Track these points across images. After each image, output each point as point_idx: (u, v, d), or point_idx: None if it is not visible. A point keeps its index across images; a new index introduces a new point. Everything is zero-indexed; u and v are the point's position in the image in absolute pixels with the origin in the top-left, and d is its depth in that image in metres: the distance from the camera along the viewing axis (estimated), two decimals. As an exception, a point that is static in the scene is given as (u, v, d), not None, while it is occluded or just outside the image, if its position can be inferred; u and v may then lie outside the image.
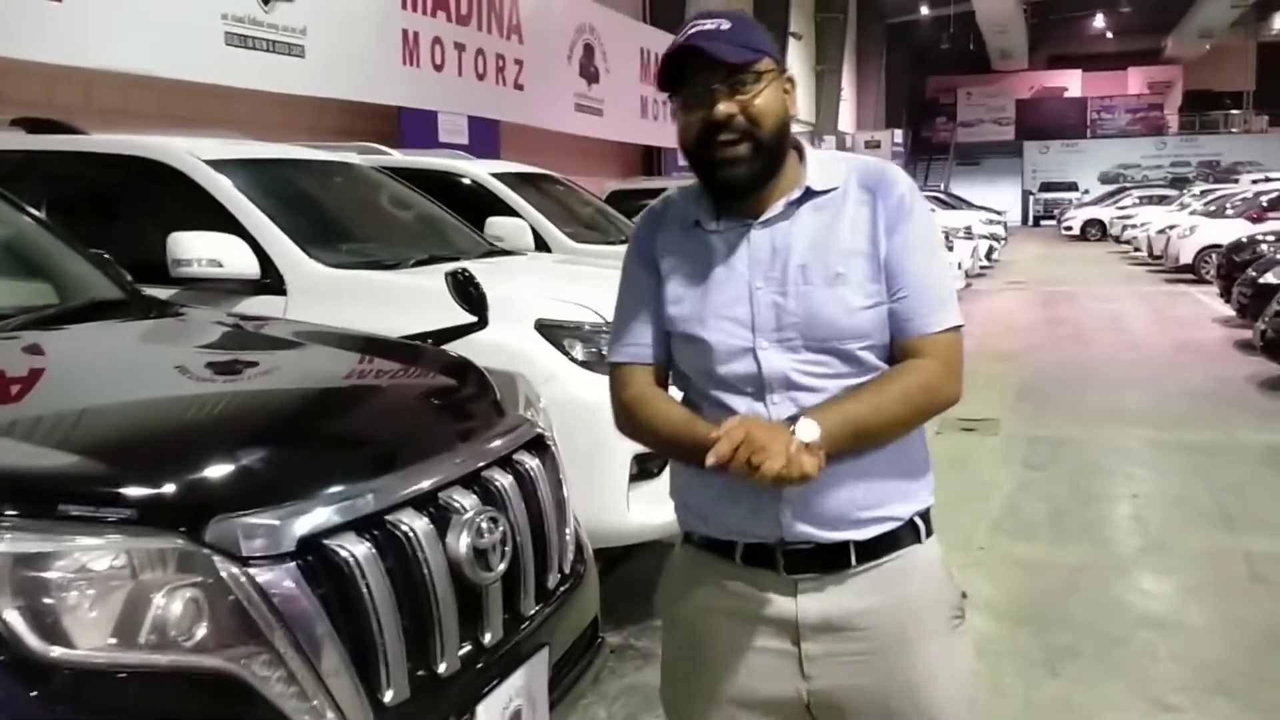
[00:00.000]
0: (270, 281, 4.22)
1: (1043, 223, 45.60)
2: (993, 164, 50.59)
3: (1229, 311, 13.04)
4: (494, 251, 5.39)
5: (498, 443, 2.46)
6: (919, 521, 1.85)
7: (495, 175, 6.97)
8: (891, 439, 1.79)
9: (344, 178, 5.22)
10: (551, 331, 3.99)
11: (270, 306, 4.17)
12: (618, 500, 3.92)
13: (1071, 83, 53.78)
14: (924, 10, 40.61)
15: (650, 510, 4.00)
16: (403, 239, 5.08)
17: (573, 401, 3.88)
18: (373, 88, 11.14)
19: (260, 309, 4.18)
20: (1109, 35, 49.67)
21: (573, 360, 3.96)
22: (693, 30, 1.76)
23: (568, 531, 2.70)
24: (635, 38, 17.96)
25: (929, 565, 1.87)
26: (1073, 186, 47.09)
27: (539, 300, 4.08)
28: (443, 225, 5.47)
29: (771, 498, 1.74)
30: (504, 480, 2.37)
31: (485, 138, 13.41)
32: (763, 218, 1.80)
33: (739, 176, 1.77)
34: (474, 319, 3.16)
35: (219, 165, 4.46)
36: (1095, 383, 9.74)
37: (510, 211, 6.70)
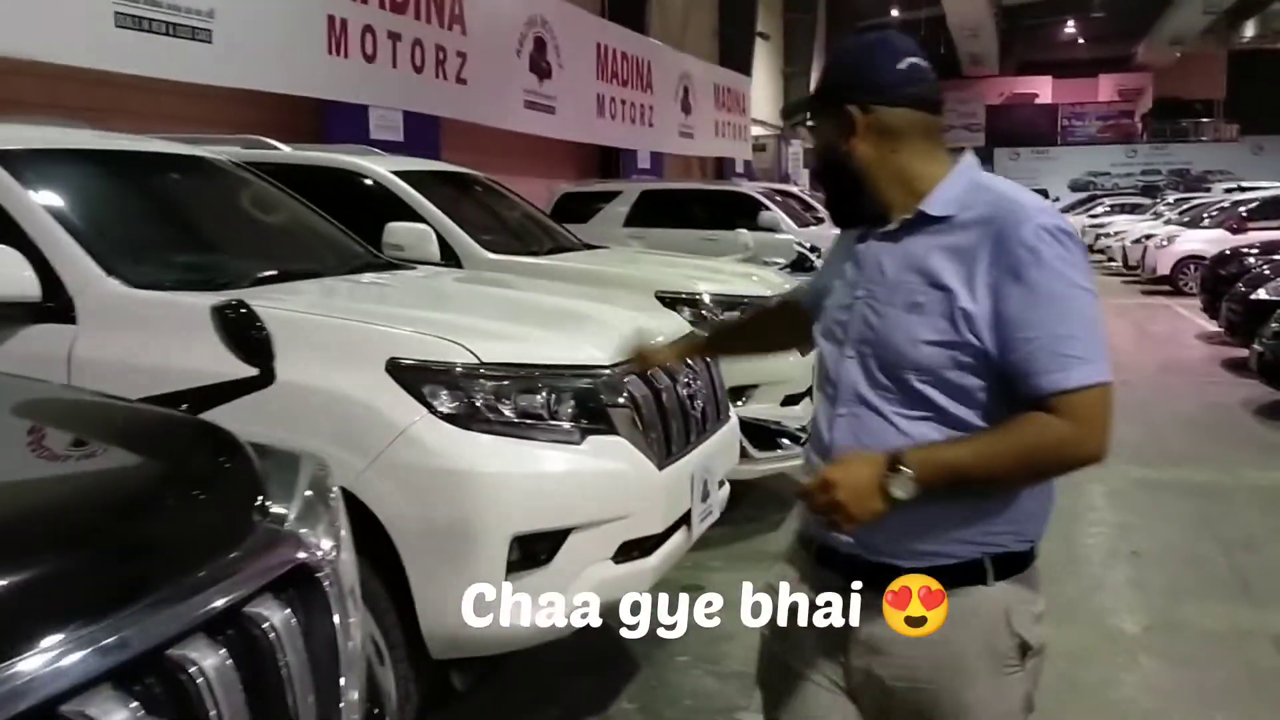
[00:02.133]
0: (55, 306, 3.26)
1: (1013, 230, 44.88)
2: (962, 170, 49.67)
3: (1212, 327, 12.31)
4: (377, 265, 4.45)
5: (216, 592, 1.54)
6: (988, 564, 1.82)
7: (399, 173, 6.03)
8: (999, 493, 1.81)
9: (187, 176, 4.27)
10: (409, 374, 3.05)
11: (53, 338, 3.23)
12: (489, 597, 2.99)
13: (1042, 89, 53.33)
14: (895, 13, 39.97)
15: (536, 610, 3.07)
16: (253, 251, 4.13)
17: (431, 468, 2.96)
18: (293, 78, 10.14)
19: (39, 342, 3.23)
20: (1080, 41, 49.24)
21: (435, 413, 3.02)
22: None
23: (353, 697, 1.78)
24: (591, 33, 17.00)
25: (988, 611, 1.82)
26: (1044, 194, 45.91)
27: (396, 333, 3.14)
28: (313, 234, 4.53)
29: None
30: (209, 659, 1.45)
31: (423, 135, 12.43)
32: (881, 230, 1.87)
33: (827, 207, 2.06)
34: (253, 371, 2.20)
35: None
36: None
37: (416, 216, 5.76)
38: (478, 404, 3.07)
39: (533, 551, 3.08)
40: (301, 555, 1.76)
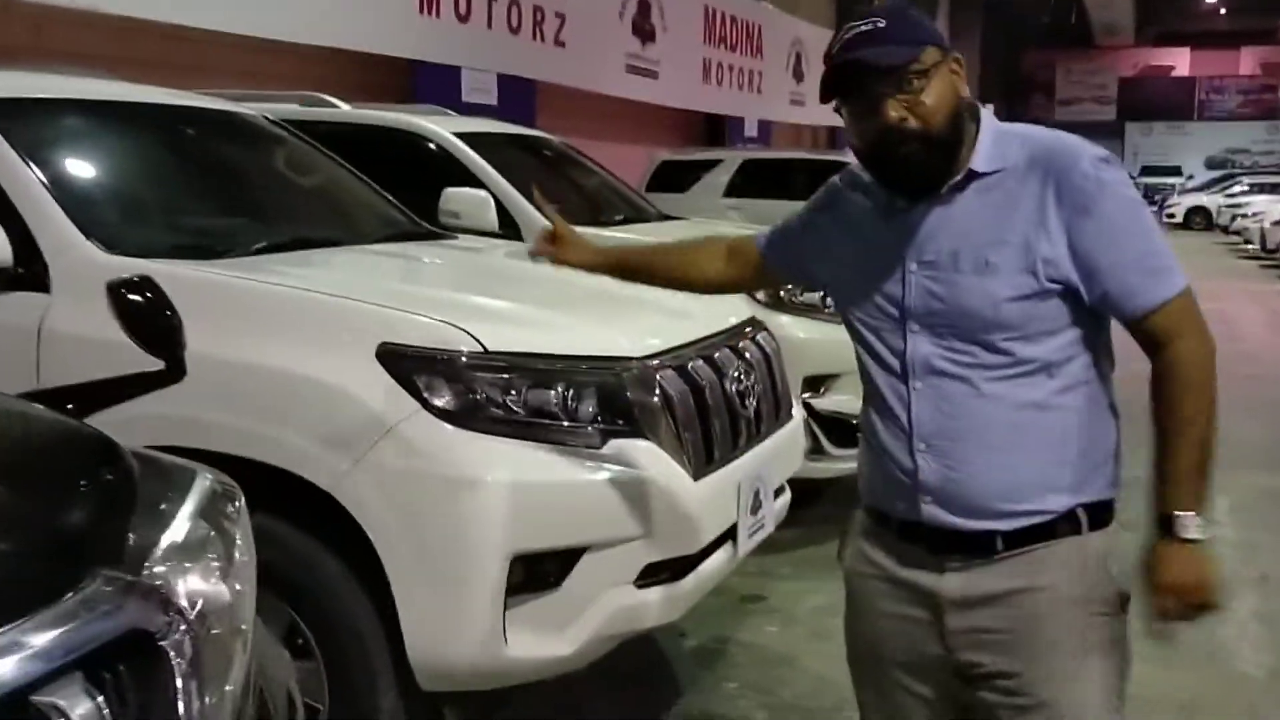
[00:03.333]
0: (27, 272, 2.92)
1: (1142, 209, 43.22)
2: (1090, 145, 48.03)
3: (1360, 320, 11.28)
4: (416, 234, 4.05)
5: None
6: (1081, 514, 1.82)
7: (462, 135, 5.62)
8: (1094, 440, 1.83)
9: (207, 132, 3.89)
10: (401, 362, 2.64)
11: (24, 308, 2.89)
12: (487, 624, 2.58)
13: (1179, 61, 50.96)
14: (1024, -21, 38.45)
15: (541, 639, 2.66)
16: (270, 216, 3.76)
17: (420, 473, 2.55)
18: (381, 37, 9.82)
19: (8, 312, 2.90)
20: (1221, 12, 46.83)
21: (430, 408, 2.61)
22: (850, 35, 1.76)
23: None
24: (699, -7, 16.43)
25: (1087, 558, 1.83)
26: (1176, 171, 44.73)
27: (390, 314, 2.72)
28: (347, 199, 4.15)
29: (910, 483, 1.83)
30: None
31: (518, 99, 12.06)
32: (928, 196, 1.81)
33: (917, 175, 1.80)
34: (158, 363, 1.80)
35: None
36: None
37: (477, 182, 5.36)
38: (480, 399, 2.64)
39: (539, 573, 2.66)
40: (140, 618, 1.34)
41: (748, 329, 3.53)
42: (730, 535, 3.11)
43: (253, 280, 2.83)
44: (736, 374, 3.21)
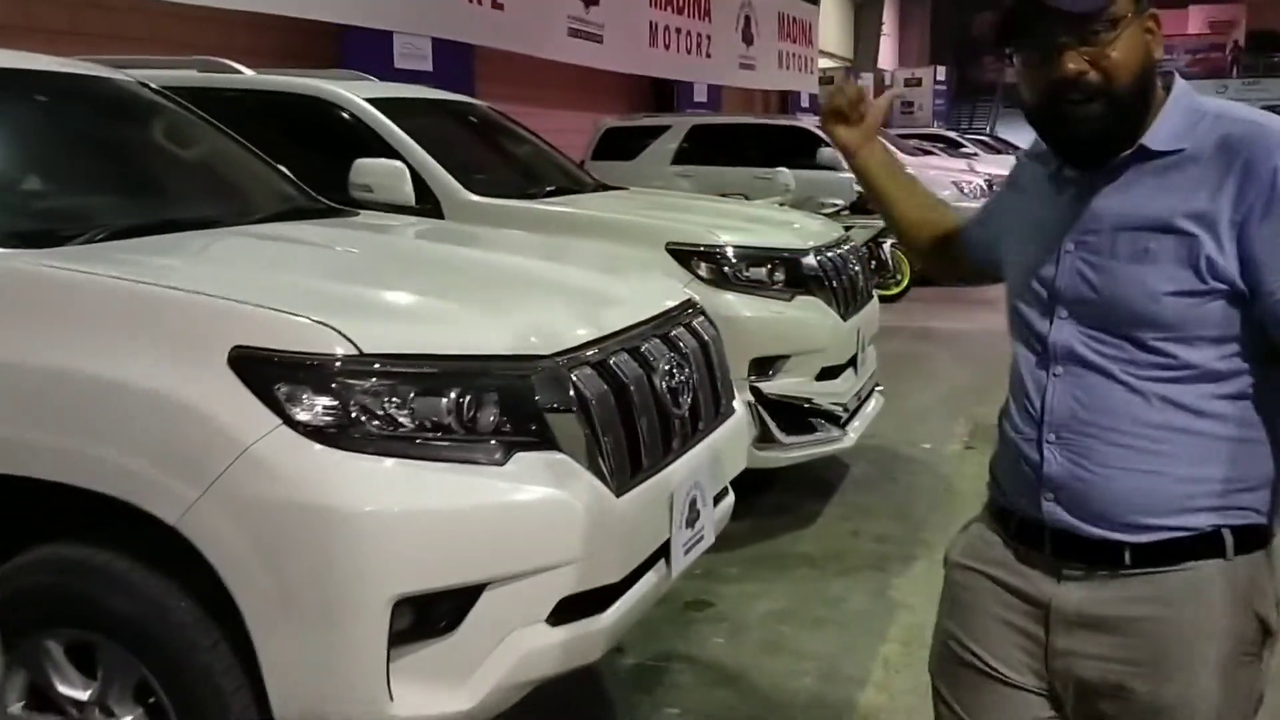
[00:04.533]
0: None
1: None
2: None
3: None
4: (310, 212, 3.59)
5: None
6: (1227, 535, 1.62)
7: (376, 101, 5.14)
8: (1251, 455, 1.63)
9: (65, 101, 3.38)
10: (257, 369, 2.20)
11: None
12: (368, 679, 2.17)
13: (1128, 21, 50.88)
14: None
15: (434, 693, 2.24)
16: (135, 193, 3.28)
17: (281, 503, 2.12)
18: (305, 1, 9.29)
19: None
20: (1171, -30, 46.85)
21: (293, 424, 2.18)
22: None
23: None
24: (644, -45, 15.90)
25: (1228, 587, 1.63)
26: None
27: (246, 310, 2.28)
28: (234, 172, 3.68)
29: (1035, 476, 1.69)
30: None
31: (455, 65, 11.52)
32: (1096, 170, 1.65)
33: (1090, 139, 1.63)
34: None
35: None
36: None
37: (391, 152, 4.89)
38: (354, 412, 2.21)
39: (429, 616, 2.24)
40: None
41: (682, 314, 3.11)
42: (663, 553, 2.71)
43: (86, 273, 2.38)
44: (668, 368, 2.79)
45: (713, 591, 4.16)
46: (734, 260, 4.61)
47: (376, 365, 2.24)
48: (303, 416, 2.18)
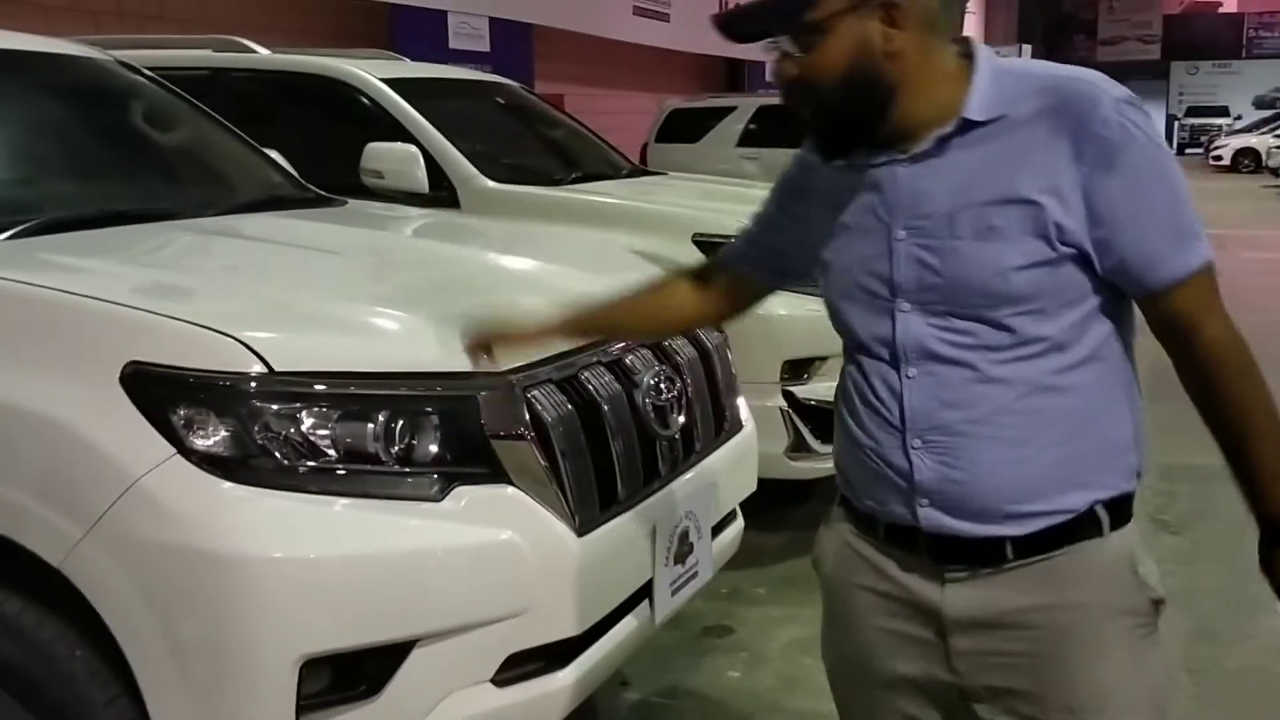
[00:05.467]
0: None
1: (1188, 151, 41.77)
2: (1135, 86, 42.78)
3: None
4: (293, 200, 3.31)
5: None
6: (1101, 512, 1.58)
7: (393, 81, 4.85)
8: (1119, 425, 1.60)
9: (14, 81, 3.13)
10: (151, 389, 1.91)
11: None
12: (269, 753, 1.86)
13: (1227, -3, 49.28)
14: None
15: (354, 767, 1.93)
16: (84, 183, 3.00)
17: (177, 548, 1.84)
18: (355, -22, 9.09)
19: None
20: (1273, -57, 45.05)
21: (189, 453, 1.88)
22: None
23: None
24: (714, -69, 15.47)
25: (1111, 563, 1.59)
26: (1223, 112, 43.22)
27: (142, 320, 1.98)
28: (210, 159, 3.42)
29: (905, 483, 1.59)
30: None
31: (514, 47, 11.29)
32: (910, 152, 1.56)
33: (820, 139, 1.63)
34: None
35: None
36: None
37: (406, 135, 4.61)
38: (262, 439, 1.90)
39: (348, 677, 1.94)
40: None
41: (681, 319, 2.76)
42: (644, 594, 2.38)
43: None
44: (655, 381, 2.45)
45: (735, 615, 3.81)
46: (767, 253, 4.23)
47: (290, 385, 1.94)
48: (201, 445, 1.89)
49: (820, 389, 4.23)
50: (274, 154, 3.63)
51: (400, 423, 1.99)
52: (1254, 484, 1.57)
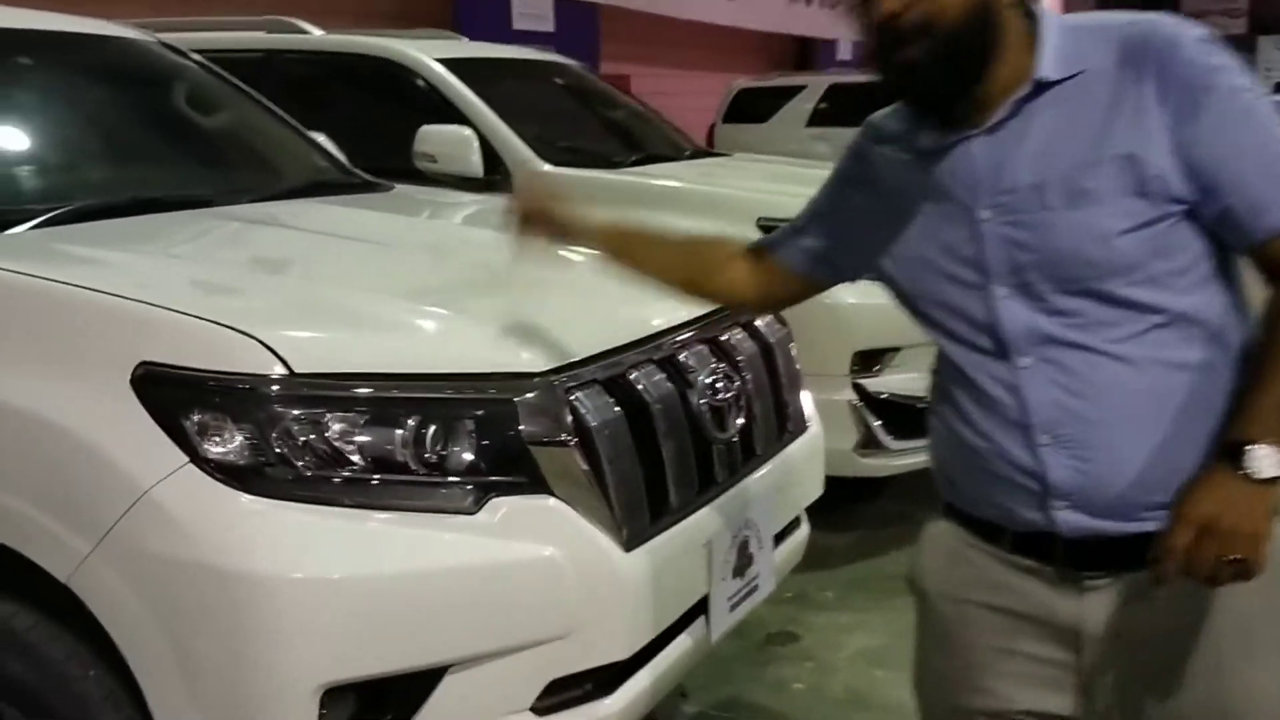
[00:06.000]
0: None
1: (1276, 128, 40.76)
2: (1220, 62, 45.41)
3: None
4: (335, 186, 3.17)
5: None
6: None
7: (449, 61, 4.70)
8: None
9: (53, 64, 3.00)
10: (163, 392, 1.77)
11: None
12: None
13: (1319, -33, 47.69)
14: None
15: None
16: (115, 170, 2.88)
17: (189, 564, 1.70)
18: (418, -41, 8.96)
19: None
20: (1368, -90, 43.47)
21: (202, 462, 1.74)
22: None
23: None
24: (784, -95, 15.12)
25: (1270, 557, 1.40)
26: (1313, 87, 41.93)
27: (160, 319, 1.84)
28: (252, 143, 3.29)
29: (1036, 485, 1.47)
30: None
31: (579, 25, 11.11)
32: (985, 125, 1.47)
33: (919, 87, 1.47)
34: None
35: None
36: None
37: (461, 117, 4.46)
38: (280, 447, 1.75)
39: (374, 706, 1.79)
40: None
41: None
42: (700, 610, 2.20)
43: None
44: (711, 380, 2.27)
45: (801, 621, 3.62)
46: (837, 238, 4.02)
47: (311, 388, 1.78)
48: (215, 453, 1.74)
49: (894, 382, 4.02)
50: (321, 137, 3.50)
51: (431, 428, 1.83)
52: (1245, 411, 1.42)
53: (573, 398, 1.95)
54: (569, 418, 1.92)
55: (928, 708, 1.70)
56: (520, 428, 1.88)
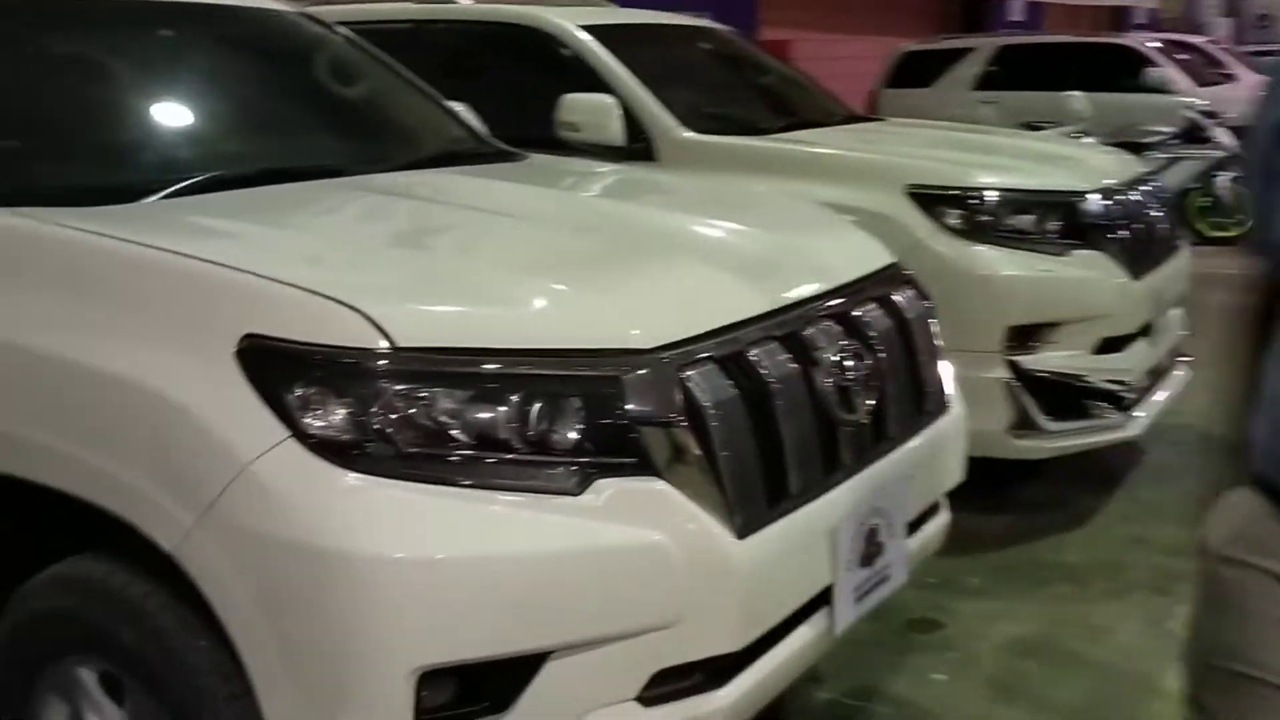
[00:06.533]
0: None
1: None
2: None
3: None
4: (469, 155, 3.13)
5: None
6: None
7: (594, 28, 4.62)
8: None
9: (196, 37, 3.03)
10: (268, 365, 1.75)
11: None
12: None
13: None
14: None
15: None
16: (248, 140, 2.87)
17: (286, 542, 1.68)
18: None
19: None
20: None
21: (303, 437, 1.71)
22: None
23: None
24: None
25: None
26: None
27: (268, 290, 1.82)
28: (389, 113, 3.30)
29: None
30: None
31: (738, -12, 10.92)
32: None
33: None
34: None
35: None
36: None
37: (604, 86, 4.38)
38: (380, 423, 1.71)
39: (473, 691, 1.73)
40: None
41: (878, 285, 2.44)
42: (823, 601, 2.09)
43: (106, 238, 1.98)
44: (841, 359, 2.14)
45: (945, 608, 3.45)
46: (993, 205, 3.81)
47: (414, 363, 1.73)
48: (316, 428, 1.71)
49: (1053, 359, 3.79)
50: (460, 107, 3.47)
51: (536, 406, 1.76)
52: None
53: (684, 376, 1.85)
54: (680, 397, 1.83)
55: (1201, 670, 1.55)
56: (628, 407, 1.79)
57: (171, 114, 2.81)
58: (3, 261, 2.04)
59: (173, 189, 2.37)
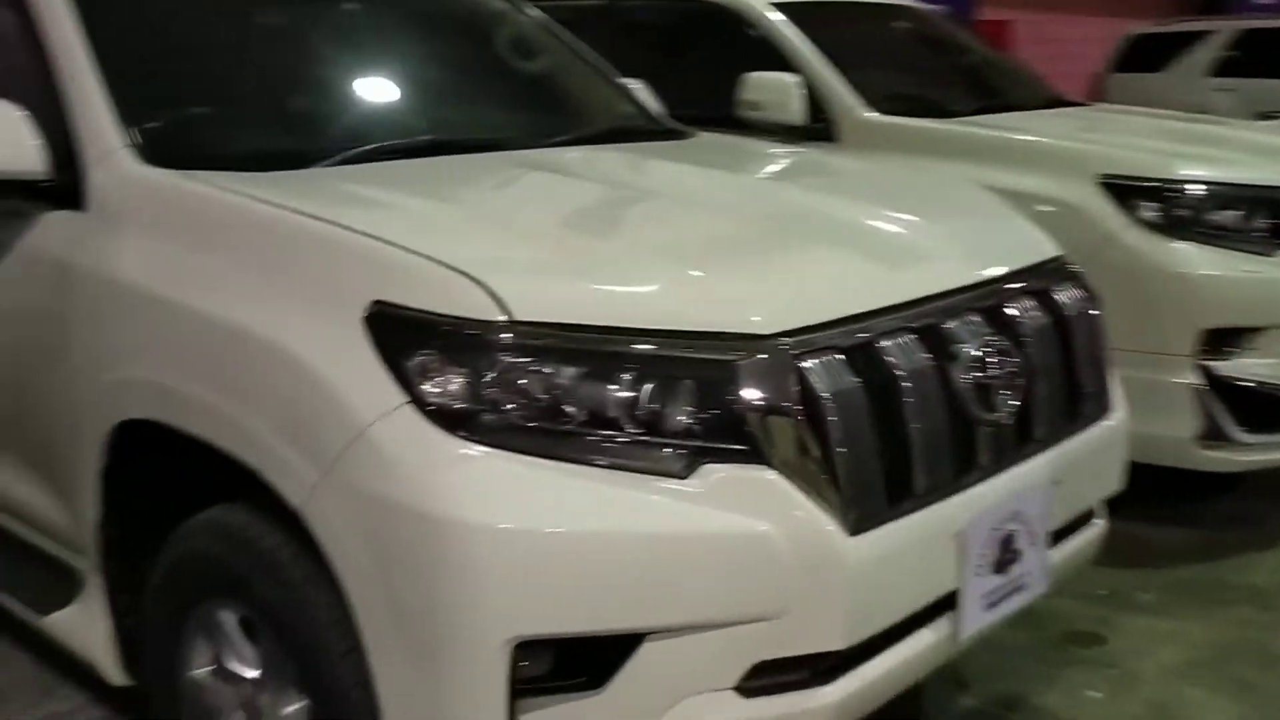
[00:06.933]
0: (59, 183, 2.38)
1: None
2: None
3: None
4: (635, 132, 3.13)
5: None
6: None
7: (785, 6, 4.55)
8: None
9: (375, 9, 3.16)
10: (393, 333, 1.80)
11: (50, 233, 2.36)
12: (484, 734, 1.72)
13: None
14: None
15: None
16: (409, 112, 2.94)
17: (396, 505, 1.76)
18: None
19: (34, 238, 2.38)
20: None
21: (421, 404, 1.75)
22: None
23: None
24: None
25: None
26: None
27: (396, 258, 1.87)
28: (560, 87, 3.34)
29: None
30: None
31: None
32: None
33: None
34: None
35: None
36: None
37: (791, 65, 4.32)
38: (493, 394, 1.73)
39: (569, 666, 1.74)
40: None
41: (1038, 280, 2.32)
42: (948, 605, 2.01)
43: (261, 203, 2.07)
44: (981, 355, 2.05)
45: (1110, 622, 3.28)
46: (1193, 199, 3.57)
47: (530, 336, 1.75)
48: (433, 395, 1.74)
49: (1255, 367, 3.54)
50: (635, 84, 3.48)
51: (647, 386, 1.75)
52: None
53: (803, 364, 1.81)
54: (796, 386, 1.78)
55: None
56: (740, 393, 1.76)
57: (349, 84, 2.93)
58: (169, 221, 2.17)
59: (340, 157, 2.46)
